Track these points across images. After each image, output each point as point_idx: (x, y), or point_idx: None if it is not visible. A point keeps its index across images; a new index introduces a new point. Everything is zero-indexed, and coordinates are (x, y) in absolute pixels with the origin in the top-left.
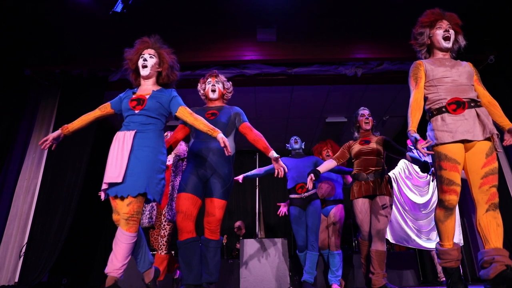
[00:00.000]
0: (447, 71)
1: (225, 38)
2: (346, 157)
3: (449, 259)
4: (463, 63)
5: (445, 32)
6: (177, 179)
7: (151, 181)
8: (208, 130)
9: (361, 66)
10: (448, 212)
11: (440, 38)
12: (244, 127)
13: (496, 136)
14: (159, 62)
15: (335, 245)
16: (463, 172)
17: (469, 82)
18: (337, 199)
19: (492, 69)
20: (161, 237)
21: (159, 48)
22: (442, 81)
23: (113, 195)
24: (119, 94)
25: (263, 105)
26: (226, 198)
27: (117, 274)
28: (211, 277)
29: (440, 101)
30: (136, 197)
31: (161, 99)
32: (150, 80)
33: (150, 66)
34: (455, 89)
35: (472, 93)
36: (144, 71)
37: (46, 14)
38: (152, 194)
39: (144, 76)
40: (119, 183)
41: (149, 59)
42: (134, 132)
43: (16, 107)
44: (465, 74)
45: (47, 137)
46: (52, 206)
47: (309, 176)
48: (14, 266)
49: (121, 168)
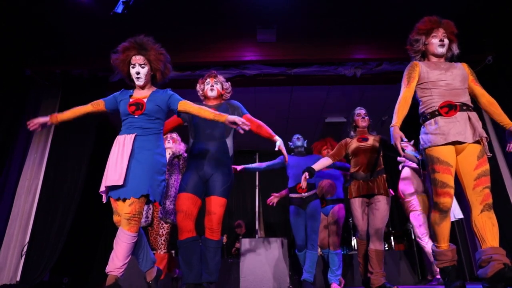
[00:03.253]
0: (442, 74)
1: (225, 39)
2: (342, 155)
3: (445, 260)
4: (458, 65)
5: (440, 42)
6: (172, 177)
7: (153, 182)
8: (215, 116)
9: (361, 66)
10: (443, 215)
11: (435, 47)
12: (246, 119)
13: (485, 140)
14: (150, 68)
15: (335, 244)
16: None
17: (462, 86)
18: (338, 198)
19: (490, 70)
20: (160, 236)
21: (147, 53)
22: (436, 84)
23: (116, 197)
24: (114, 93)
25: (263, 106)
26: (227, 196)
27: (118, 273)
28: (211, 277)
29: (433, 104)
30: (139, 198)
31: (159, 102)
32: (145, 86)
33: (143, 77)
34: (448, 93)
35: (465, 97)
36: (139, 81)
37: (46, 14)
38: (154, 196)
39: (140, 86)
40: (120, 186)
41: (141, 69)
42: (134, 135)
43: (16, 107)
44: (459, 77)
45: (36, 119)
46: (53, 206)
47: (303, 174)
48: (15, 265)
49: (122, 170)
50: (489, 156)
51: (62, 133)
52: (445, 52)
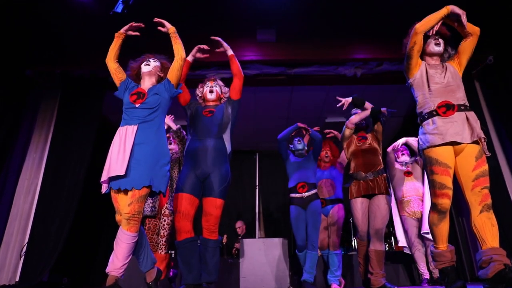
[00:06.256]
0: (437, 73)
1: (225, 39)
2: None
3: (444, 261)
4: (448, 64)
5: (435, 40)
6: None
7: (155, 173)
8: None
9: (361, 66)
10: (441, 216)
11: (431, 46)
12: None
13: (483, 140)
14: (161, 67)
15: (335, 245)
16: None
17: (455, 81)
18: (337, 199)
19: (491, 70)
20: (161, 237)
21: (161, 59)
22: (432, 82)
23: (116, 188)
24: (126, 80)
25: (262, 106)
26: (224, 197)
27: (118, 274)
28: (210, 276)
29: (430, 104)
30: (140, 190)
31: (157, 90)
32: (150, 80)
33: (152, 66)
34: (443, 89)
35: (459, 92)
36: (146, 68)
37: (47, 15)
38: (157, 187)
39: (146, 72)
40: (122, 177)
41: (152, 62)
42: (136, 126)
43: (16, 108)
44: (451, 74)
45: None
46: (53, 206)
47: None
48: (15, 265)
49: (124, 161)
50: (488, 155)
51: (62, 133)
52: (441, 51)
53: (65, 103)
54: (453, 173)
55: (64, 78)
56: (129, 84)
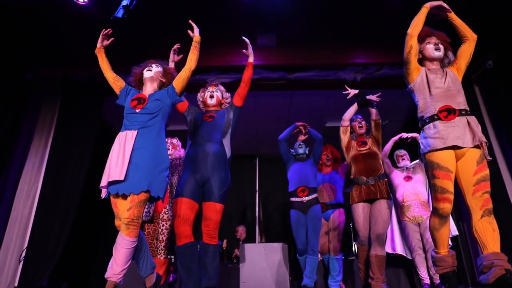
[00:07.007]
0: (437, 78)
1: (225, 43)
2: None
3: (445, 266)
4: (448, 70)
5: (435, 45)
6: (174, 176)
7: (154, 178)
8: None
9: (361, 71)
10: (442, 220)
11: (431, 50)
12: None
13: (484, 144)
14: (163, 73)
15: (336, 249)
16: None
17: (455, 86)
18: (338, 203)
19: (490, 74)
20: (159, 242)
21: (164, 64)
22: (432, 86)
23: (114, 192)
24: (126, 87)
25: (263, 110)
26: (223, 202)
27: (117, 279)
28: (210, 281)
29: (431, 108)
30: (138, 194)
31: (158, 96)
32: (152, 86)
33: (154, 72)
34: (444, 94)
35: (460, 97)
36: (148, 73)
37: (47, 19)
38: (156, 192)
39: (148, 77)
40: (120, 182)
41: (154, 67)
42: (136, 131)
43: (17, 112)
44: (452, 79)
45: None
46: (53, 210)
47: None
48: (14, 270)
49: (123, 166)
50: (489, 160)
51: (62, 138)
52: (441, 56)
53: (66, 107)
54: (454, 177)
55: (65, 82)
56: (130, 90)
